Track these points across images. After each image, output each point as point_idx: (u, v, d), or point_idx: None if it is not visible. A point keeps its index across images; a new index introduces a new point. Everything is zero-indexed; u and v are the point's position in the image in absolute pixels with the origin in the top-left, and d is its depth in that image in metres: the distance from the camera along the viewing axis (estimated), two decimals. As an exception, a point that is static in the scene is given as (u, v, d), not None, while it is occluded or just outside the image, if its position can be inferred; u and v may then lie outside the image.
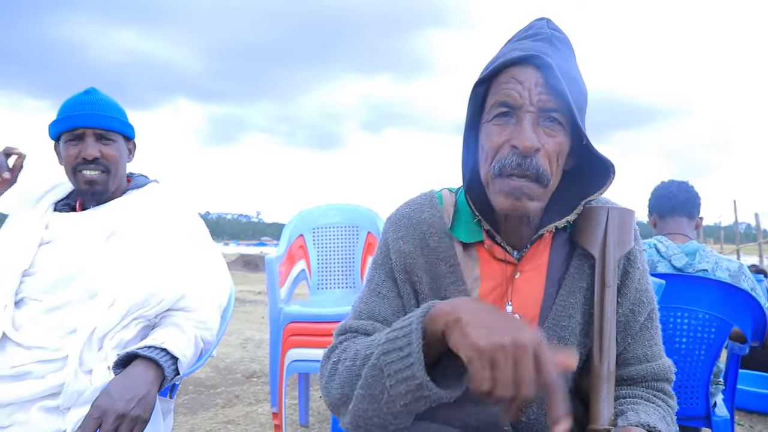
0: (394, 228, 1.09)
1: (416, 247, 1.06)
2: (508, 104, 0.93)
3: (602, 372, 0.98)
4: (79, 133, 1.51)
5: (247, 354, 4.84)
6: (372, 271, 1.11)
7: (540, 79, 0.91)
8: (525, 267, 1.04)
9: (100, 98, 1.55)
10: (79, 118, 1.50)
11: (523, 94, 0.91)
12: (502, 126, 0.94)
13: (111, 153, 1.53)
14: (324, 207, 3.18)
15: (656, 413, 0.97)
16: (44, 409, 1.28)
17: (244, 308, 7.91)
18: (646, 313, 1.06)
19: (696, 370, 1.99)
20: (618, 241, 1.03)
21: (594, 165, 1.00)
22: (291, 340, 2.48)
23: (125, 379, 1.24)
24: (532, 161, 0.91)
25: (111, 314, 1.39)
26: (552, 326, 1.02)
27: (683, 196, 2.35)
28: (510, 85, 0.93)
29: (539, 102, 0.91)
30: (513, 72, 0.93)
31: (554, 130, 0.93)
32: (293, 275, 2.98)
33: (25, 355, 1.34)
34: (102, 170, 1.52)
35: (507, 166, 0.92)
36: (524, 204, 0.93)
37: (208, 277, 1.57)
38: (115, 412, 1.17)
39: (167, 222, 1.57)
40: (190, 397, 3.57)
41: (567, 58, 0.96)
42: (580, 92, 0.96)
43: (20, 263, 1.44)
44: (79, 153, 1.50)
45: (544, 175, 0.92)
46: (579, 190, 1.03)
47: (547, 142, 0.92)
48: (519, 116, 0.92)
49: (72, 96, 1.55)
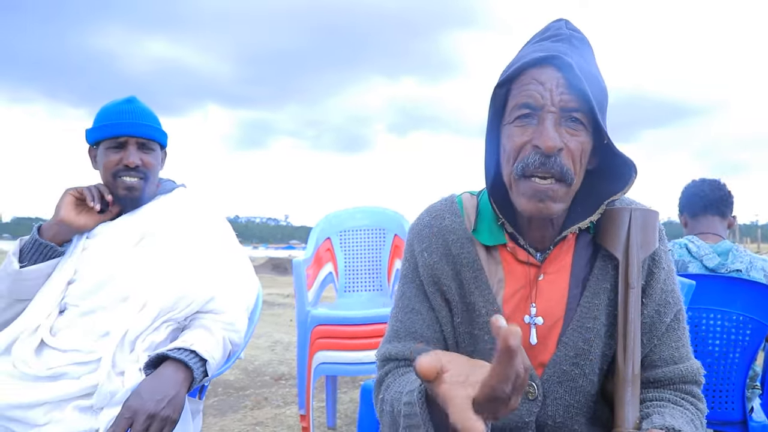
0: (417, 239, 1.10)
1: (441, 256, 1.06)
2: (530, 105, 0.92)
3: (627, 375, 0.97)
4: (122, 141, 1.55)
5: (275, 356, 4.89)
6: (402, 285, 1.11)
7: (561, 80, 0.91)
8: (549, 269, 1.04)
9: (141, 107, 1.59)
10: (123, 126, 1.54)
11: (544, 95, 0.91)
12: (523, 127, 0.94)
13: (151, 161, 1.58)
14: (351, 210, 3.20)
15: (683, 416, 0.95)
16: (79, 409, 1.32)
17: (273, 311, 7.99)
18: (673, 314, 1.04)
19: (731, 373, 1.94)
20: (642, 243, 1.01)
21: (616, 165, 0.99)
22: (318, 343, 2.50)
23: (155, 380, 1.27)
24: (555, 160, 0.91)
25: (142, 317, 1.43)
26: (577, 328, 1.01)
27: (715, 195, 2.30)
28: (531, 86, 0.92)
29: (561, 102, 0.91)
30: (533, 73, 0.93)
31: (576, 130, 0.93)
32: (320, 278, 3.00)
33: (61, 357, 1.39)
34: (141, 177, 1.56)
35: (530, 165, 0.91)
36: (548, 206, 0.93)
37: (235, 280, 1.60)
38: (146, 412, 1.20)
39: (195, 226, 1.61)
40: (220, 398, 3.62)
41: (587, 57, 0.96)
42: (600, 91, 0.95)
43: (67, 273, 1.50)
44: (121, 160, 1.54)
45: (567, 174, 0.92)
46: (601, 190, 1.02)
47: (569, 142, 0.92)
48: (541, 117, 0.92)
49: (112, 103, 1.59)
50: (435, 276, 1.06)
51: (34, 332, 1.41)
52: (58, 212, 1.50)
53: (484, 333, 1.03)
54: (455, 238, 1.06)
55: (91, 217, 1.55)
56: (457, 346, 1.06)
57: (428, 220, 1.10)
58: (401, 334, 1.06)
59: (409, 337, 1.05)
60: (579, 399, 1.02)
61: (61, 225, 1.50)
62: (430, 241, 1.07)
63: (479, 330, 1.03)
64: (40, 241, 1.50)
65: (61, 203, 1.51)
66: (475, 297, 1.03)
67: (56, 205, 1.52)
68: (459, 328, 1.05)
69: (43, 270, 1.49)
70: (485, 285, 1.03)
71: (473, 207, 1.09)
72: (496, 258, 1.05)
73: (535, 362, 1.02)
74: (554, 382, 1.01)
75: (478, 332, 1.03)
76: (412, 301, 1.08)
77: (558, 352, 1.01)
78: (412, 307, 1.07)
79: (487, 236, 1.05)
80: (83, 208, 1.54)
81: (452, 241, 1.06)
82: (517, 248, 1.04)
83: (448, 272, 1.05)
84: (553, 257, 1.04)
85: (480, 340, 1.03)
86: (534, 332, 1.02)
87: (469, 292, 1.04)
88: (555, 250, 1.04)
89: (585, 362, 1.01)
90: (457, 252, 1.05)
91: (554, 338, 1.02)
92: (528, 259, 1.04)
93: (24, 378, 1.36)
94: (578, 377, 1.01)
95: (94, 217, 1.55)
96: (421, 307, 1.07)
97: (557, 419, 1.01)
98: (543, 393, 1.02)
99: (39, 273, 1.49)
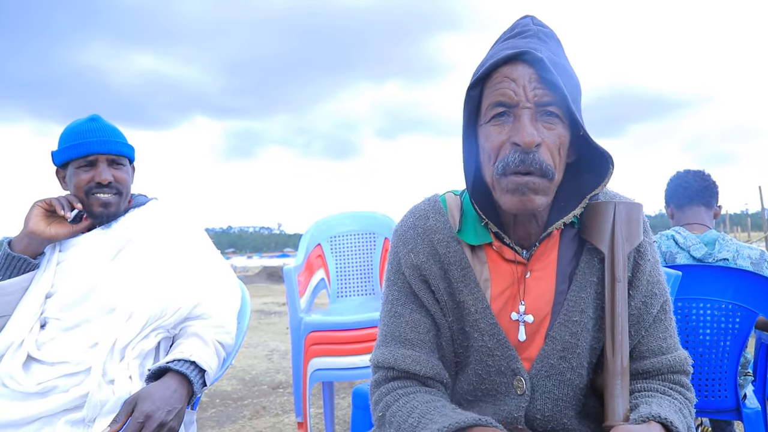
0: (402, 241, 1.10)
1: (428, 256, 1.06)
2: (504, 103, 0.93)
3: (616, 368, 0.97)
4: (92, 159, 1.55)
5: (272, 365, 4.88)
6: (386, 288, 1.12)
7: (533, 75, 0.92)
8: (535, 266, 1.04)
9: (106, 125, 1.60)
10: (92, 144, 1.54)
11: (518, 92, 0.92)
12: (500, 126, 0.94)
13: (122, 176, 1.59)
14: (339, 216, 3.20)
15: (671, 405, 0.96)
16: (70, 423, 1.32)
17: (269, 320, 7.96)
18: (659, 305, 1.05)
19: (722, 361, 1.96)
20: (627, 236, 1.02)
21: (594, 158, 1.00)
22: (313, 350, 2.50)
23: (166, 390, 1.30)
24: (534, 156, 0.91)
25: (130, 327, 1.44)
26: (564, 322, 1.01)
27: (700, 186, 2.31)
28: (504, 84, 0.93)
29: (535, 97, 0.91)
30: (505, 71, 0.93)
31: (553, 124, 0.93)
32: (313, 284, 3.00)
33: (50, 371, 1.39)
34: (115, 192, 1.57)
35: (510, 163, 0.92)
36: (531, 199, 0.93)
37: (219, 285, 1.62)
38: (158, 420, 1.24)
39: (173, 235, 1.62)
40: (218, 410, 3.60)
41: (556, 51, 0.96)
42: (573, 83, 0.96)
43: (43, 286, 1.49)
44: (92, 178, 1.54)
45: (548, 169, 0.92)
46: (582, 184, 1.02)
47: (547, 136, 0.92)
48: (516, 114, 0.92)
49: (76, 123, 1.59)
50: (422, 276, 1.06)
51: (20, 347, 1.41)
52: (27, 224, 1.50)
53: (474, 331, 1.03)
54: (440, 237, 1.06)
55: (62, 228, 1.54)
56: (452, 342, 1.07)
57: (412, 221, 1.10)
58: (388, 339, 1.07)
59: (395, 342, 1.06)
60: (567, 393, 1.03)
61: (31, 236, 1.49)
62: (415, 242, 1.08)
63: (470, 327, 1.04)
64: (12, 255, 1.49)
65: (30, 215, 1.52)
66: (464, 295, 1.03)
67: (25, 217, 1.52)
68: (452, 325, 1.06)
69: (19, 284, 1.48)
70: (474, 283, 1.04)
71: (457, 207, 1.09)
72: (481, 258, 1.06)
73: (523, 357, 1.03)
74: (542, 376, 1.02)
75: (469, 329, 1.04)
76: (395, 305, 1.08)
77: (546, 346, 1.02)
78: (396, 311, 1.08)
79: (473, 236, 1.05)
80: (53, 219, 1.54)
81: (438, 240, 1.06)
82: (503, 247, 1.04)
83: (435, 272, 1.05)
84: (539, 254, 1.04)
85: (471, 338, 1.04)
86: (523, 329, 1.03)
87: (458, 290, 1.04)
88: (540, 247, 1.04)
89: (572, 356, 1.01)
90: (443, 251, 1.05)
91: (542, 333, 1.03)
92: (514, 257, 1.04)
93: (13, 396, 1.35)
94: (566, 371, 1.02)
95: (65, 227, 1.54)
96: (403, 310, 1.07)
97: (546, 413, 1.02)
98: (531, 387, 1.02)
99: (15, 287, 1.48)
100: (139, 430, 1.22)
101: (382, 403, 1.03)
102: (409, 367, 1.03)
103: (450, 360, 1.07)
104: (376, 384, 1.06)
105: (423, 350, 1.05)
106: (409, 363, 1.03)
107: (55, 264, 1.53)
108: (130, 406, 1.25)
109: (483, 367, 1.03)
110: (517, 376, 1.02)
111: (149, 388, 1.29)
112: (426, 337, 1.06)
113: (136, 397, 1.26)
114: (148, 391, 1.28)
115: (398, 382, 1.04)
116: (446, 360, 1.07)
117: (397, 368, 1.04)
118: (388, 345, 1.06)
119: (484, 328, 1.02)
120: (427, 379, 1.05)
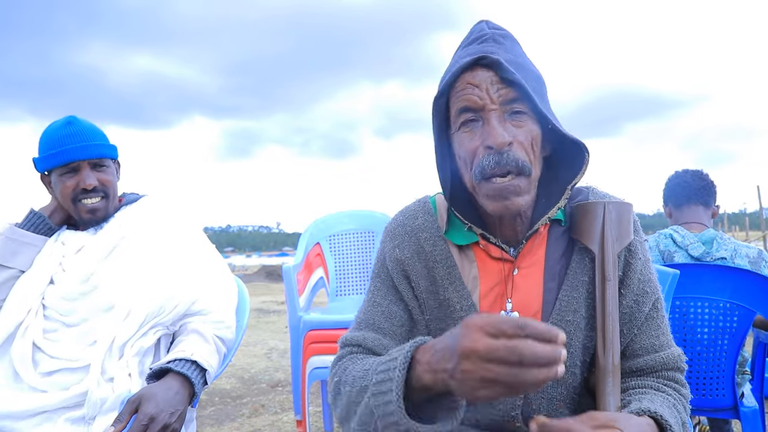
0: (390, 237, 1.12)
1: (413, 253, 1.08)
2: (471, 108, 0.95)
3: (607, 366, 0.98)
4: (75, 166, 1.52)
5: (271, 364, 4.88)
6: (370, 281, 1.15)
7: (494, 77, 0.93)
8: (522, 263, 1.05)
9: (84, 126, 1.55)
10: (72, 151, 1.51)
11: (481, 95, 0.93)
12: (471, 131, 0.96)
13: (107, 179, 1.58)
14: (338, 214, 3.21)
15: (664, 401, 0.96)
16: (71, 420, 1.33)
17: (268, 318, 7.97)
18: (651, 303, 1.05)
19: (720, 360, 1.96)
20: (617, 235, 1.03)
21: (570, 149, 1.01)
22: (312, 348, 2.50)
23: (168, 391, 1.30)
24: (509, 156, 0.92)
25: (128, 324, 1.44)
26: (557, 321, 1.02)
27: (698, 185, 2.32)
28: (467, 90, 0.95)
29: (499, 98, 0.93)
30: (467, 77, 0.95)
31: (521, 121, 0.95)
32: (312, 283, 3.01)
33: (51, 363, 1.40)
34: (102, 196, 1.56)
35: (487, 167, 0.93)
36: (514, 202, 0.94)
37: (216, 280, 1.62)
38: (162, 423, 1.24)
39: (167, 230, 1.62)
40: (217, 408, 3.61)
41: (513, 50, 0.98)
42: (535, 78, 0.97)
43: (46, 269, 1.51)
44: (77, 184, 1.52)
45: (524, 166, 0.93)
46: (561, 177, 1.03)
47: (517, 134, 0.94)
48: (485, 117, 0.94)
49: (53, 128, 1.54)
50: (405, 271, 1.08)
51: (24, 334, 1.42)
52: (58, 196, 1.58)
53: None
54: (428, 236, 1.08)
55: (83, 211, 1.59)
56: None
57: (402, 219, 1.13)
58: (362, 325, 1.09)
59: (368, 328, 1.08)
60: (562, 391, 1.03)
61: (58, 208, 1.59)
62: (402, 238, 1.10)
63: (454, 325, 1.04)
64: (36, 212, 1.57)
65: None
66: (450, 293, 1.05)
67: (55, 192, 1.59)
68: (430, 324, 1.07)
69: (32, 239, 1.55)
70: (459, 281, 1.05)
71: (446, 207, 1.10)
72: (469, 256, 1.07)
73: None
74: None
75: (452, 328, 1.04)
76: (375, 296, 1.11)
77: None
78: (375, 300, 1.10)
79: (460, 236, 1.07)
80: None
81: (425, 239, 1.08)
82: (490, 246, 1.06)
83: (419, 269, 1.07)
84: (527, 251, 1.05)
85: None
86: None
87: (443, 288, 1.05)
88: (528, 244, 1.05)
89: (566, 355, 1.01)
90: (429, 249, 1.07)
91: None
92: (502, 255, 1.05)
93: (15, 389, 1.36)
94: None
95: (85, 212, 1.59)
96: (382, 300, 1.10)
97: (541, 412, 1.02)
98: None
99: (27, 239, 1.54)
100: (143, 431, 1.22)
101: (337, 367, 1.04)
102: (375, 349, 1.04)
103: None
104: (339, 358, 1.07)
105: (393, 340, 1.07)
106: (376, 345, 1.05)
107: (60, 255, 1.54)
108: (132, 406, 1.24)
109: None
110: None
111: (152, 389, 1.29)
112: (399, 330, 1.08)
113: (140, 397, 1.26)
114: (151, 392, 1.28)
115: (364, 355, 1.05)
116: None
117: (364, 346, 1.05)
118: (361, 329, 1.09)
119: None
120: None
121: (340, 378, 1.00)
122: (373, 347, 1.05)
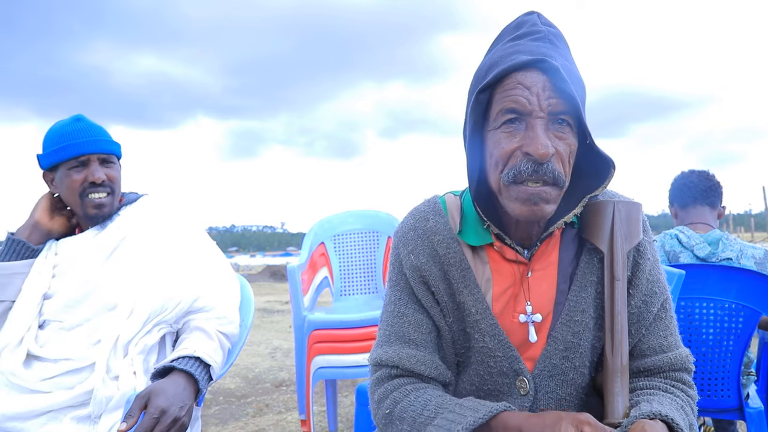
0: (403, 243, 1.10)
1: (428, 257, 1.06)
2: (517, 111, 0.91)
3: (615, 366, 0.98)
4: (84, 160, 1.54)
5: (275, 363, 4.89)
6: (389, 289, 1.11)
7: (547, 83, 0.90)
8: (536, 266, 1.04)
9: (93, 124, 1.59)
10: (83, 145, 1.53)
11: (531, 100, 0.89)
12: (511, 133, 0.92)
13: (114, 175, 1.59)
14: (342, 214, 3.21)
15: (673, 403, 0.96)
16: (76, 419, 1.34)
17: (272, 318, 7.98)
18: (659, 304, 1.05)
19: (725, 361, 1.95)
20: (626, 235, 1.02)
21: (595, 162, 1.00)
22: (316, 348, 2.51)
23: (177, 387, 1.30)
24: (548, 167, 0.90)
25: (132, 323, 1.44)
26: (566, 322, 1.02)
27: (704, 185, 2.31)
28: (517, 90, 0.90)
29: (549, 106, 0.90)
30: (518, 77, 0.90)
31: (564, 133, 0.92)
32: (316, 283, 3.01)
33: (53, 367, 1.40)
34: (108, 192, 1.58)
35: (523, 172, 0.90)
36: (542, 208, 0.92)
37: (218, 276, 1.62)
38: (172, 416, 1.24)
39: (168, 229, 1.62)
40: (221, 407, 3.62)
41: (567, 56, 0.95)
42: (583, 91, 0.95)
43: (39, 287, 1.50)
44: (86, 178, 1.54)
45: (560, 179, 0.92)
46: (581, 186, 1.02)
47: (558, 146, 0.91)
48: (529, 123, 0.91)
49: (61, 125, 1.57)
50: (423, 277, 1.06)
51: (19, 345, 1.42)
52: (34, 214, 1.58)
53: (475, 332, 1.03)
54: (440, 238, 1.06)
55: (62, 224, 1.61)
56: (453, 343, 1.07)
57: (412, 222, 1.10)
58: (392, 339, 1.07)
59: (399, 341, 1.06)
60: (570, 392, 1.03)
61: (35, 227, 1.57)
62: (415, 243, 1.07)
63: (471, 328, 1.04)
64: (14, 238, 1.55)
65: (38, 205, 1.60)
66: (465, 296, 1.03)
67: (33, 207, 1.59)
68: (453, 326, 1.06)
69: (18, 268, 1.53)
70: (474, 284, 1.03)
71: (457, 208, 1.09)
72: (483, 258, 1.06)
73: (525, 357, 1.03)
74: (545, 376, 1.02)
75: (470, 330, 1.04)
76: (398, 306, 1.08)
77: (548, 346, 1.02)
78: (399, 311, 1.08)
79: (473, 237, 1.05)
80: (56, 213, 1.61)
81: (438, 241, 1.06)
82: (504, 247, 1.04)
83: (435, 273, 1.05)
84: (540, 254, 1.04)
85: (472, 338, 1.04)
86: (533, 330, 1.03)
87: (458, 291, 1.04)
88: (542, 247, 1.04)
89: (575, 355, 1.01)
90: (443, 252, 1.05)
91: (544, 333, 1.03)
92: (516, 257, 1.04)
93: (19, 390, 1.36)
94: (569, 370, 1.02)
95: (65, 224, 1.61)
96: (406, 310, 1.07)
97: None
98: (534, 388, 1.02)
99: (13, 270, 1.52)
100: (154, 425, 1.21)
101: (388, 400, 1.02)
102: (414, 367, 1.03)
103: (451, 361, 1.08)
104: (379, 382, 1.06)
105: (426, 350, 1.05)
106: (414, 362, 1.03)
107: (51, 267, 1.54)
108: (142, 401, 1.24)
109: (485, 368, 1.04)
110: (519, 377, 1.02)
111: (161, 384, 1.29)
112: (428, 337, 1.06)
113: (149, 392, 1.26)
114: (161, 387, 1.28)
115: (403, 379, 1.04)
116: (447, 361, 1.07)
117: (401, 367, 1.03)
118: (392, 344, 1.06)
119: (485, 329, 1.02)
120: (430, 380, 1.04)
121: (391, 411, 1.01)
122: (411, 367, 1.03)
